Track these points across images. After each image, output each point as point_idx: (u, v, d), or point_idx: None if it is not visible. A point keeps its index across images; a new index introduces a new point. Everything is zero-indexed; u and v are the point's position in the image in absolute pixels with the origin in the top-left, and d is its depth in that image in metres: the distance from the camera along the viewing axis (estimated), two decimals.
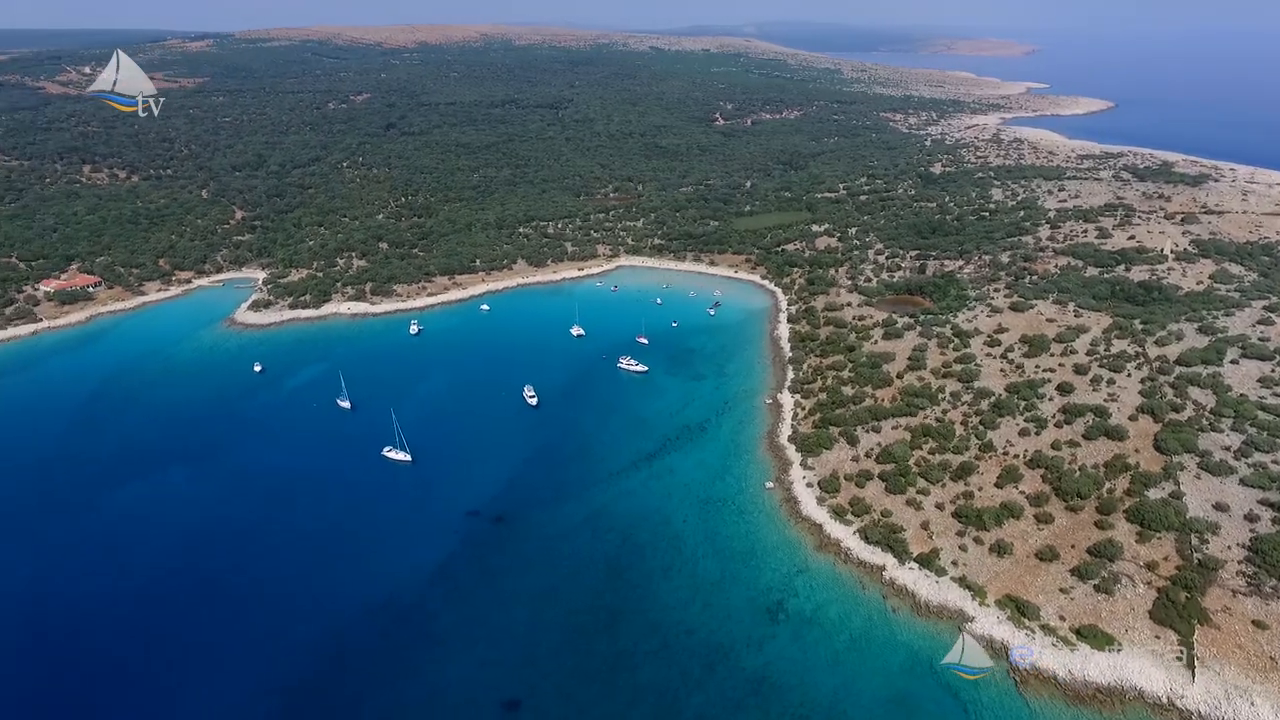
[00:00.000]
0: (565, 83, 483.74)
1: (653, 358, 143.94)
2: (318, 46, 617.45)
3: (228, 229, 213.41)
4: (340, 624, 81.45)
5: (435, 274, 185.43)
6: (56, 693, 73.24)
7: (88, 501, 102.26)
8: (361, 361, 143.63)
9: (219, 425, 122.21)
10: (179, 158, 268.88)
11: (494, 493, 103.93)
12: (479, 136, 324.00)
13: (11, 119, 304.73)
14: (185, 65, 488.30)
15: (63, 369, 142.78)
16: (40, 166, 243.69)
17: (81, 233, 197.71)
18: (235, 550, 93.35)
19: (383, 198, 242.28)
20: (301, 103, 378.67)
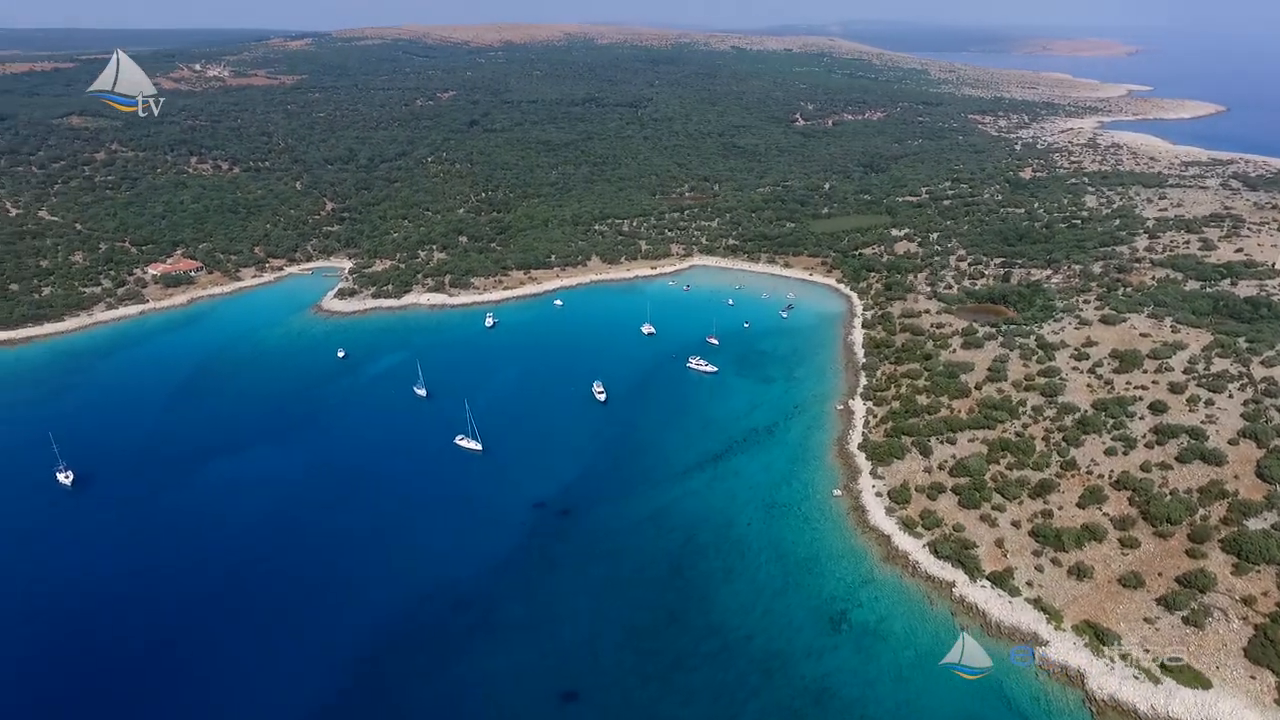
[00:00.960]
0: (645, 82, 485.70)
1: (722, 358, 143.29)
2: (408, 45, 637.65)
3: (318, 219, 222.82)
4: (408, 604, 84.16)
5: (511, 268, 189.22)
6: (149, 646, 78.19)
7: (184, 473, 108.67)
8: (438, 351, 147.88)
9: (303, 407, 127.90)
10: (276, 151, 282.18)
11: (560, 485, 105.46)
12: (559, 134, 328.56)
13: (130, 113, 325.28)
14: (285, 63, 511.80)
15: (165, 348, 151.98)
16: (153, 157, 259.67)
17: (186, 220, 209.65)
18: (315, 526, 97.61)
19: (464, 192, 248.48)
20: (391, 99, 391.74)
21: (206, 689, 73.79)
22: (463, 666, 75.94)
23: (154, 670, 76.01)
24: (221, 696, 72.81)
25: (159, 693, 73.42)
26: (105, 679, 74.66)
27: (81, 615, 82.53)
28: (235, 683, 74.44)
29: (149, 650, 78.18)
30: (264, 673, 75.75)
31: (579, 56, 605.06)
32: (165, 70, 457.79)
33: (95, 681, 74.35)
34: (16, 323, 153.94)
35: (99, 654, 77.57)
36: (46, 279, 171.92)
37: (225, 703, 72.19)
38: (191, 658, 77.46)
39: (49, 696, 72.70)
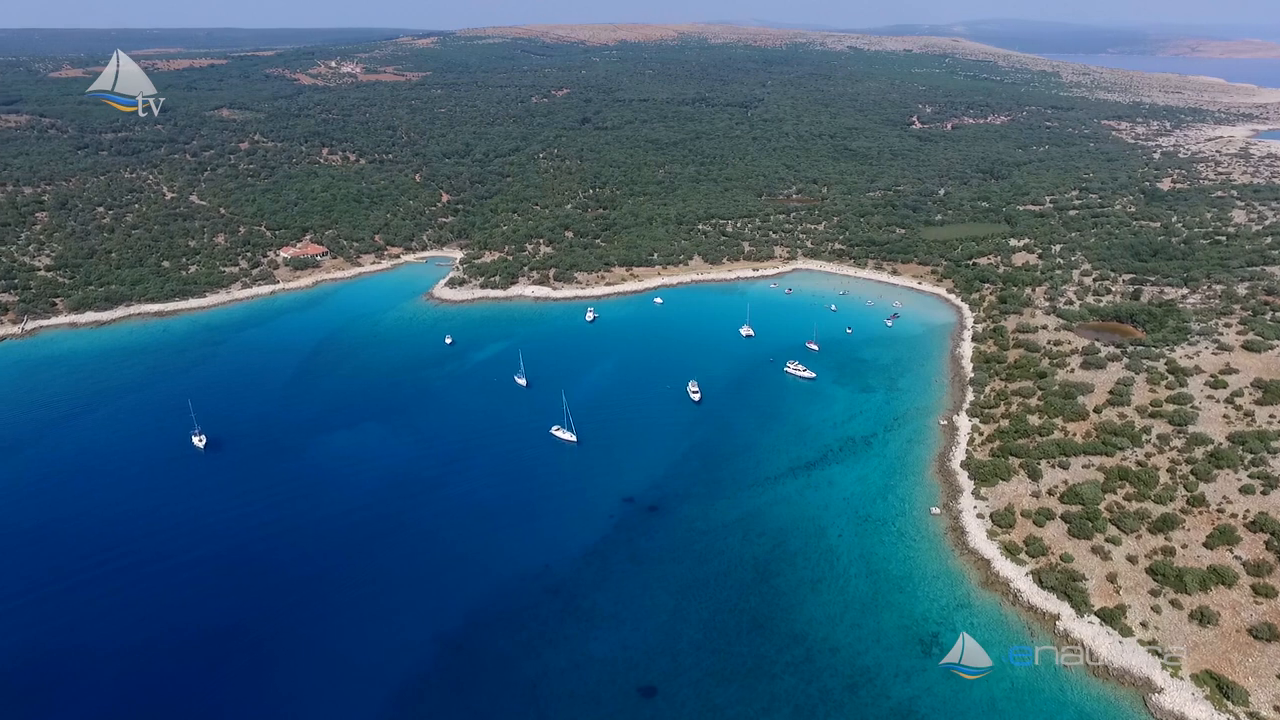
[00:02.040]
0: (757, 82, 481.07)
1: (822, 365, 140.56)
2: (527, 44, 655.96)
3: (434, 211, 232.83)
4: (499, 584, 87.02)
5: (614, 264, 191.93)
6: (264, 594, 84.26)
7: (302, 443, 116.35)
8: (539, 342, 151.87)
9: (412, 388, 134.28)
10: (399, 144, 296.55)
11: (650, 481, 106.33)
12: (668, 133, 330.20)
13: (273, 106, 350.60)
14: (412, 60, 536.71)
15: (291, 326, 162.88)
16: (290, 148, 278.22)
17: (316, 207, 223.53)
18: (417, 501, 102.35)
19: (572, 188, 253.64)
20: (508, 96, 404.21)
21: (314, 640, 78.87)
22: (547, 650, 77.89)
23: (268, 615, 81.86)
24: (327, 647, 77.62)
25: (274, 636, 79.05)
26: (226, 617, 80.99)
27: (207, 561, 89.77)
28: (340, 637, 79.21)
29: (263, 597, 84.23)
30: (364, 632, 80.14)
31: (691, 56, 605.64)
32: (305, 67, 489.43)
33: (219, 620, 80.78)
34: (166, 297, 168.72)
35: (221, 595, 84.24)
36: (193, 258, 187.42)
37: (330, 654, 76.89)
38: (302, 609, 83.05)
39: (183, 625, 79.50)
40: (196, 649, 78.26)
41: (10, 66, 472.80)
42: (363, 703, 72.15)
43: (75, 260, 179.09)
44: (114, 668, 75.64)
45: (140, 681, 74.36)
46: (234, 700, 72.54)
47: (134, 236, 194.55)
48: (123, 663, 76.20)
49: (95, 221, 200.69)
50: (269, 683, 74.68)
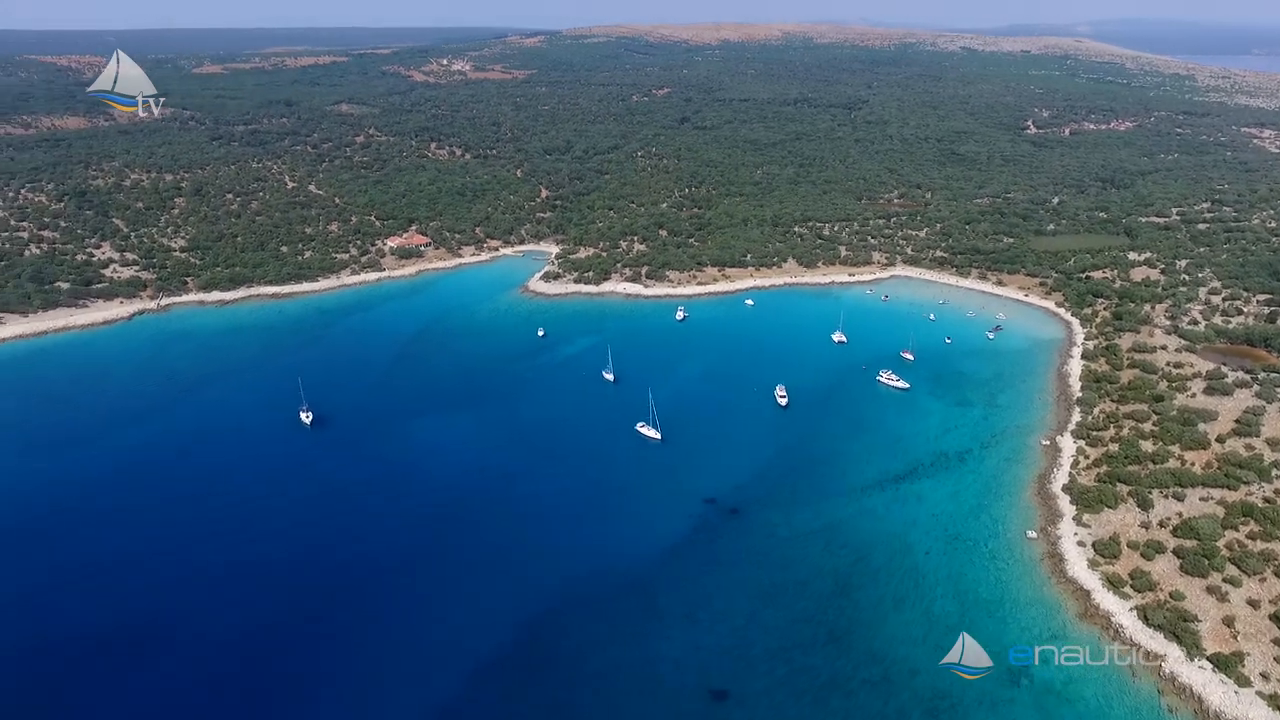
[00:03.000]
0: (862, 83, 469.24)
1: (917, 375, 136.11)
2: (631, 43, 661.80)
3: (533, 206, 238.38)
4: (575, 576, 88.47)
5: (707, 264, 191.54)
6: (346, 575, 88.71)
7: (400, 424, 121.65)
8: (629, 339, 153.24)
9: (504, 378, 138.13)
10: (503, 140, 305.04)
11: (733, 484, 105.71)
12: (767, 134, 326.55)
13: (387, 102, 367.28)
14: (519, 59, 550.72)
15: (395, 312, 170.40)
16: (401, 142, 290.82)
17: (422, 199, 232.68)
18: (499, 490, 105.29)
19: (668, 187, 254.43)
20: (609, 95, 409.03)
21: (398, 613, 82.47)
22: (621, 644, 78.70)
23: (357, 583, 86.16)
24: (411, 620, 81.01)
25: (361, 603, 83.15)
26: (320, 579, 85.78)
27: (305, 527, 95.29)
28: (422, 612, 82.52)
29: (354, 567, 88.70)
30: (445, 610, 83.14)
31: (795, 56, 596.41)
32: (419, 64, 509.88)
33: (314, 580, 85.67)
34: (283, 280, 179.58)
35: (316, 561, 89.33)
36: (309, 244, 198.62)
37: (412, 627, 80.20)
38: (388, 581, 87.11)
39: (280, 582, 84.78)
40: (291, 606, 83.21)
41: (159, 64, 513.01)
42: (440, 676, 74.89)
43: (206, 243, 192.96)
44: (223, 615, 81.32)
45: (237, 633, 79.67)
46: (325, 654, 76.73)
47: (258, 222, 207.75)
48: (228, 612, 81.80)
49: (225, 207, 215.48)
50: (355, 647, 78.55)
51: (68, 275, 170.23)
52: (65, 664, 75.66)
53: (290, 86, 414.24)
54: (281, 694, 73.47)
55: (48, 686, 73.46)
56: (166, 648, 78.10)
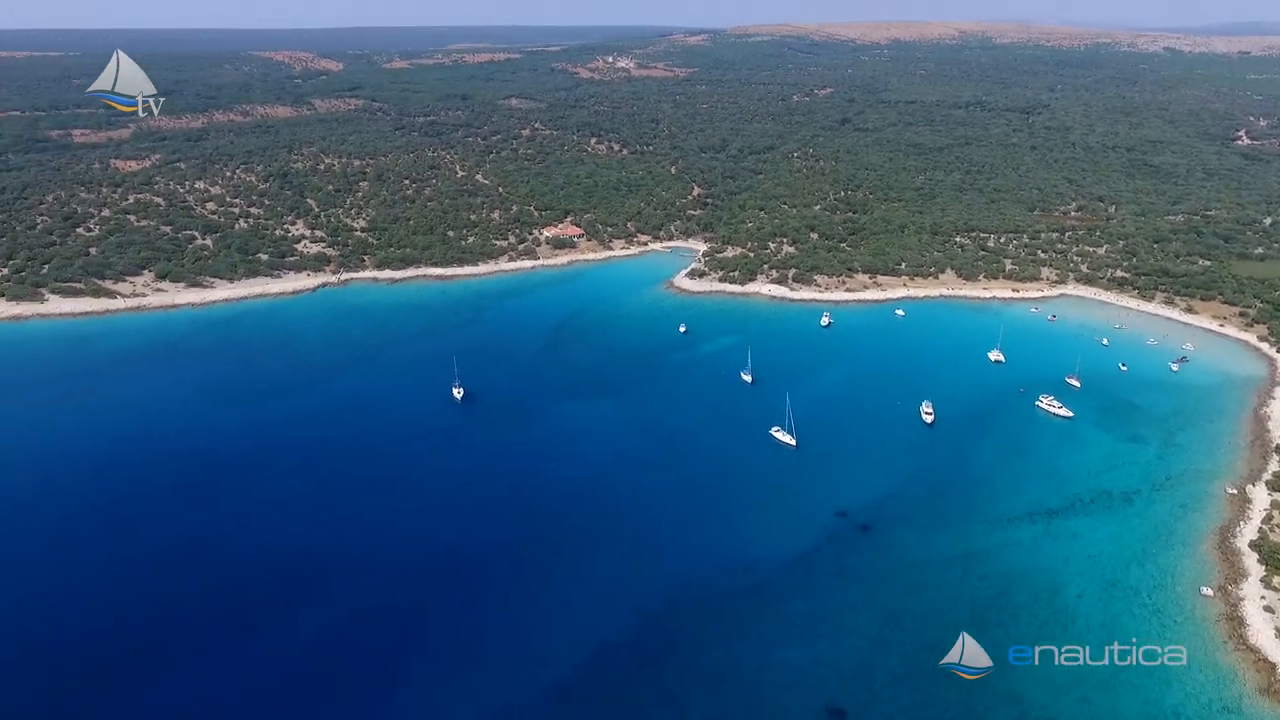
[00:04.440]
0: (1045, 86, 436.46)
1: (1082, 404, 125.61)
2: (795, 42, 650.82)
3: (684, 203, 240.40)
4: (698, 572, 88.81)
5: (857, 270, 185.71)
6: (478, 543, 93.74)
7: (542, 406, 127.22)
8: (770, 341, 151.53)
9: (643, 370, 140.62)
10: (660, 137, 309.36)
11: (867, 499, 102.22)
12: (933, 137, 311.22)
13: (553, 97, 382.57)
14: (681, 57, 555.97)
15: (545, 300, 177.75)
16: (563, 136, 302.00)
17: (579, 192, 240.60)
18: (630, 479, 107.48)
19: (823, 190, 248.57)
20: (769, 94, 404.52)
21: (522, 586, 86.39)
22: (739, 646, 78.33)
23: (488, 555, 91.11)
24: (534, 596, 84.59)
25: (488, 574, 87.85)
26: (454, 542, 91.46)
27: (448, 496, 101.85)
28: (546, 590, 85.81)
29: (485, 537, 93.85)
30: (567, 591, 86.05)
31: (971, 56, 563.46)
32: (585, 61, 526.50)
33: (449, 541, 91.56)
34: (447, 262, 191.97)
35: (453, 525, 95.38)
36: (472, 230, 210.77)
37: (535, 603, 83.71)
38: (516, 556, 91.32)
39: (419, 539, 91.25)
40: (428, 563, 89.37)
41: (356, 59, 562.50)
42: (559, 654, 77.45)
43: (383, 224, 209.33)
44: (371, 564, 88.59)
45: (375, 586, 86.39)
46: (456, 617, 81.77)
47: (429, 208, 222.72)
48: (376, 561, 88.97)
49: (401, 193, 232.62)
50: (484, 612, 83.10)
51: (267, 248, 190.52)
52: (238, 587, 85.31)
53: (467, 81, 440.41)
54: (411, 648, 78.76)
55: (224, 605, 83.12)
56: (321, 582, 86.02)
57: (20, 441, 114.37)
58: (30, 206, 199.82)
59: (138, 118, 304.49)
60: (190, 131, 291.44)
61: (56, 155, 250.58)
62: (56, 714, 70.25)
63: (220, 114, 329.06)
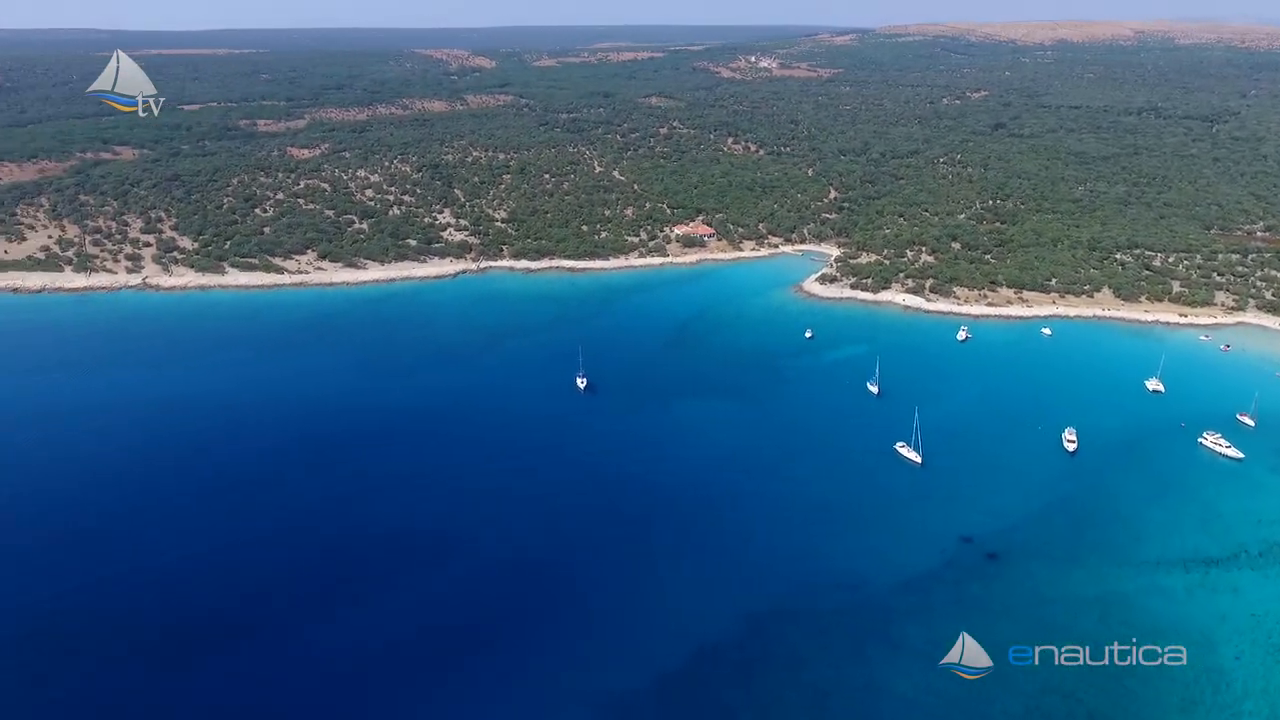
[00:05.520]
0: (1234, 91, 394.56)
1: (1255, 445, 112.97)
2: (949, 42, 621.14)
3: (819, 206, 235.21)
4: (806, 582, 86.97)
5: (1001, 284, 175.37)
6: (587, 530, 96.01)
7: (661, 400, 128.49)
8: (900, 353, 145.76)
9: (764, 374, 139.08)
10: (799, 138, 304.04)
11: (996, 526, 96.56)
12: (1098, 146, 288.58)
13: (693, 96, 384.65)
14: (826, 57, 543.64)
15: (672, 297, 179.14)
16: (700, 135, 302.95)
17: (712, 192, 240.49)
18: (743, 483, 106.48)
19: (968, 197, 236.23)
20: (917, 96, 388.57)
21: (629, 579, 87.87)
22: (846, 664, 76.18)
23: (594, 542, 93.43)
24: (639, 589, 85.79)
25: (594, 562, 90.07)
26: (566, 526, 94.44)
27: (565, 481, 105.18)
28: (650, 584, 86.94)
29: (595, 524, 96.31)
30: (672, 588, 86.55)
31: (1148, 58, 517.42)
32: (726, 61, 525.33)
33: (560, 523, 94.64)
34: (579, 256, 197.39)
35: (568, 509, 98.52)
36: (605, 225, 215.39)
37: (640, 597, 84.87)
38: (626, 548, 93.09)
39: (531, 517, 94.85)
40: (540, 547, 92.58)
41: (508, 57, 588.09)
42: (662, 650, 77.94)
43: (522, 216, 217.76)
44: (489, 536, 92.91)
45: (489, 563, 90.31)
46: (559, 598, 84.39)
47: (566, 202, 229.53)
48: (485, 542, 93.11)
49: (541, 186, 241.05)
50: (585, 598, 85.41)
51: (416, 234, 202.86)
52: (361, 552, 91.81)
53: (610, 79, 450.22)
54: (519, 627, 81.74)
55: (354, 570, 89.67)
56: (438, 555, 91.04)
57: (206, 395, 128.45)
58: (219, 188, 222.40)
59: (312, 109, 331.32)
60: (356, 123, 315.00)
61: (243, 143, 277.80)
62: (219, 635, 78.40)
63: (383, 107, 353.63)
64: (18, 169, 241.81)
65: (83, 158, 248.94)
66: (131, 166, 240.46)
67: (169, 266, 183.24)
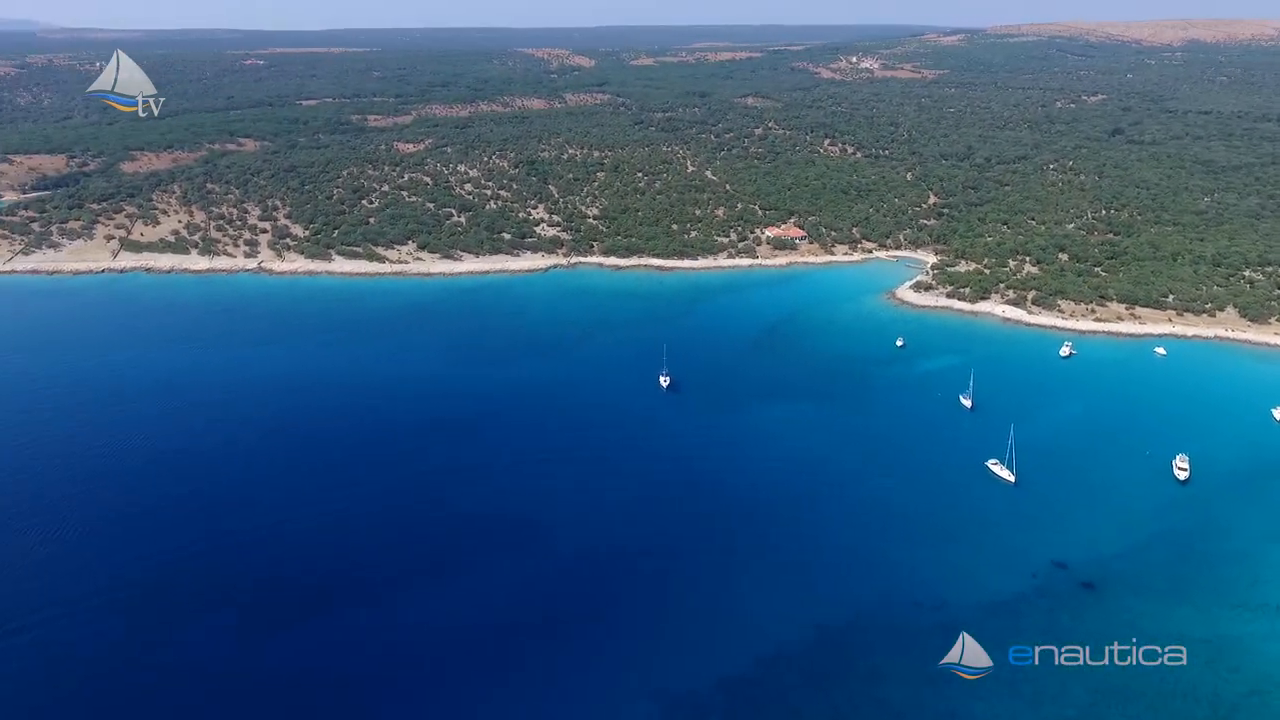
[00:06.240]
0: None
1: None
2: (1065, 43, 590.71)
3: (917, 211, 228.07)
4: (882, 598, 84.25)
5: (1112, 299, 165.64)
6: (666, 526, 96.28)
7: (742, 402, 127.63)
8: (997, 366, 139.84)
9: (851, 381, 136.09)
10: (899, 141, 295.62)
11: (1093, 554, 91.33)
12: (1229, 154, 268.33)
13: (790, 97, 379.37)
14: (931, 58, 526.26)
15: (760, 299, 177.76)
16: (795, 137, 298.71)
17: (805, 194, 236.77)
18: (823, 491, 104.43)
19: (1079, 206, 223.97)
20: (1028, 99, 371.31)
21: (702, 577, 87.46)
22: (923, 688, 73.35)
23: (672, 537, 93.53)
24: (711, 589, 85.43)
25: (672, 557, 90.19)
26: (642, 521, 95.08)
27: (642, 475, 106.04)
28: (722, 585, 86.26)
29: (674, 521, 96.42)
30: (744, 590, 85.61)
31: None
32: (827, 61, 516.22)
33: (646, 522, 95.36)
34: (668, 255, 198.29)
35: (643, 506, 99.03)
36: (696, 225, 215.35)
37: (710, 597, 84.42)
38: (702, 544, 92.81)
39: (621, 513, 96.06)
40: (616, 542, 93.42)
41: (606, 56, 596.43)
42: (730, 651, 77.35)
43: (613, 214, 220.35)
44: (557, 535, 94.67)
45: (565, 555, 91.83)
46: (633, 594, 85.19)
47: (657, 201, 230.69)
48: (562, 534, 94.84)
49: (633, 185, 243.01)
50: (660, 595, 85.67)
51: (510, 228, 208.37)
52: (452, 534, 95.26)
53: (707, 79, 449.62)
54: (594, 620, 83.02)
55: (440, 549, 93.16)
56: (517, 543, 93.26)
57: (310, 373, 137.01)
58: (330, 180, 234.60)
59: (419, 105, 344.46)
60: (459, 119, 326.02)
61: (354, 136, 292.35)
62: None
63: (485, 104, 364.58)
64: (155, 158, 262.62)
65: (211, 148, 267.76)
66: (253, 157, 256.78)
67: (281, 252, 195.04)
